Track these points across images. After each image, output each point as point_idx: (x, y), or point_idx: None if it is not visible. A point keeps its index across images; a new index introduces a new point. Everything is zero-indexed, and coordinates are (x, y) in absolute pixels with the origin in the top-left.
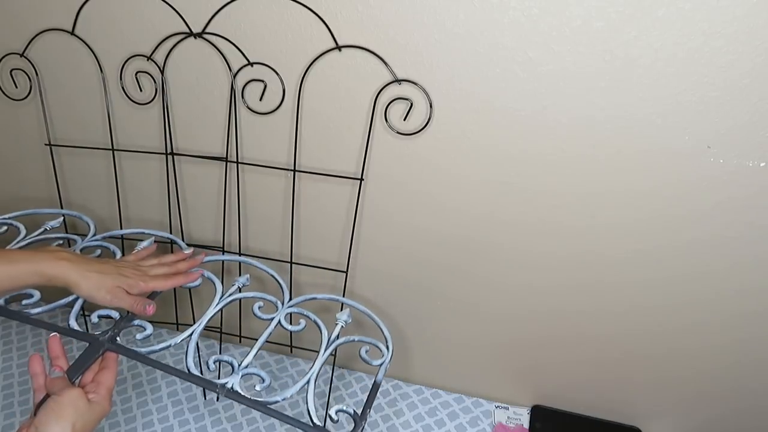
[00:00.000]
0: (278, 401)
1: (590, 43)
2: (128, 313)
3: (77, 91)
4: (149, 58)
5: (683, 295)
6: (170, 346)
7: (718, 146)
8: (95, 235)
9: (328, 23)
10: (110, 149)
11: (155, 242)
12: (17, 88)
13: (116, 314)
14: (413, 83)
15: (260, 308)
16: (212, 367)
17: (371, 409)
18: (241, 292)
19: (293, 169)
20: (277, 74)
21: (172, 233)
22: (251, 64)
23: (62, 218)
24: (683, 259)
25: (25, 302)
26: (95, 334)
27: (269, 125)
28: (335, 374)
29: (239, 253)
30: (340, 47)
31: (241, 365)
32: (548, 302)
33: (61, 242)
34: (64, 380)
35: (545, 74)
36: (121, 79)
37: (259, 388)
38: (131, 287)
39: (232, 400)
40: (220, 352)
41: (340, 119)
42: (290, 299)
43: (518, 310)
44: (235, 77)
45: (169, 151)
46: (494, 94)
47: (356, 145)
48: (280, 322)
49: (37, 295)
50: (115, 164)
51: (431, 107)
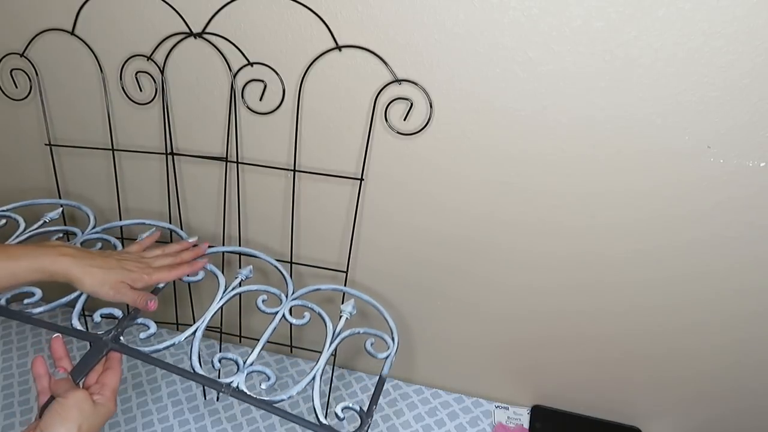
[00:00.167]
0: (284, 399)
1: (590, 43)
2: (130, 311)
3: (77, 91)
4: (149, 58)
5: (683, 295)
6: (174, 344)
7: (718, 146)
8: (95, 227)
9: (328, 23)
10: (110, 149)
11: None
12: (17, 88)
13: (119, 313)
14: (413, 83)
15: (264, 302)
16: (217, 365)
17: (376, 405)
18: (243, 285)
19: (293, 169)
20: (277, 74)
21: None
22: (251, 64)
23: (61, 209)
24: (683, 259)
25: (26, 301)
26: (98, 333)
27: (269, 125)
28: (335, 374)
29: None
30: (340, 47)
31: (246, 363)
32: (548, 302)
33: (60, 235)
34: (68, 382)
35: (545, 74)
36: (121, 79)
37: (264, 386)
38: (135, 281)
39: (235, 399)
40: (220, 351)
41: (340, 119)
42: (293, 292)
43: (518, 310)
44: (235, 77)
45: (169, 151)
46: (494, 94)
47: (356, 145)
48: (284, 315)
49: (38, 293)
50: (115, 164)
51: (431, 107)
